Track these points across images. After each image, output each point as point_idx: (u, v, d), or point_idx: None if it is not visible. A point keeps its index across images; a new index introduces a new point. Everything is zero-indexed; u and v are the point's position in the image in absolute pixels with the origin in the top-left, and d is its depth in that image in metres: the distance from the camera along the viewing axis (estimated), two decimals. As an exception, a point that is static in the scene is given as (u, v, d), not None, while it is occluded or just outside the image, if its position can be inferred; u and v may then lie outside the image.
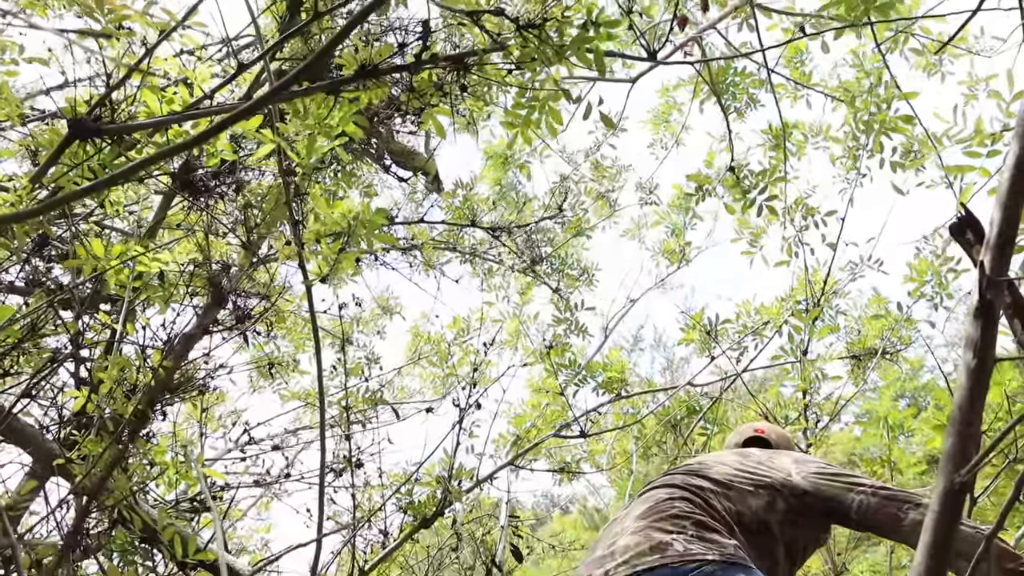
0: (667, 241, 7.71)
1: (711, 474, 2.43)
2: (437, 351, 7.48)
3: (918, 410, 6.58)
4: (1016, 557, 2.13)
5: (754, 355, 6.08)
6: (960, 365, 1.58)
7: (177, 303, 4.79)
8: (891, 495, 2.31)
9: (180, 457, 3.44)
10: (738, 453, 2.61)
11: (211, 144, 3.72)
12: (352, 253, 3.50)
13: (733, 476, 2.43)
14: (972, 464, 1.48)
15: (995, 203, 1.59)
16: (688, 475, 2.45)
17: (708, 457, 2.61)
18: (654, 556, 2.11)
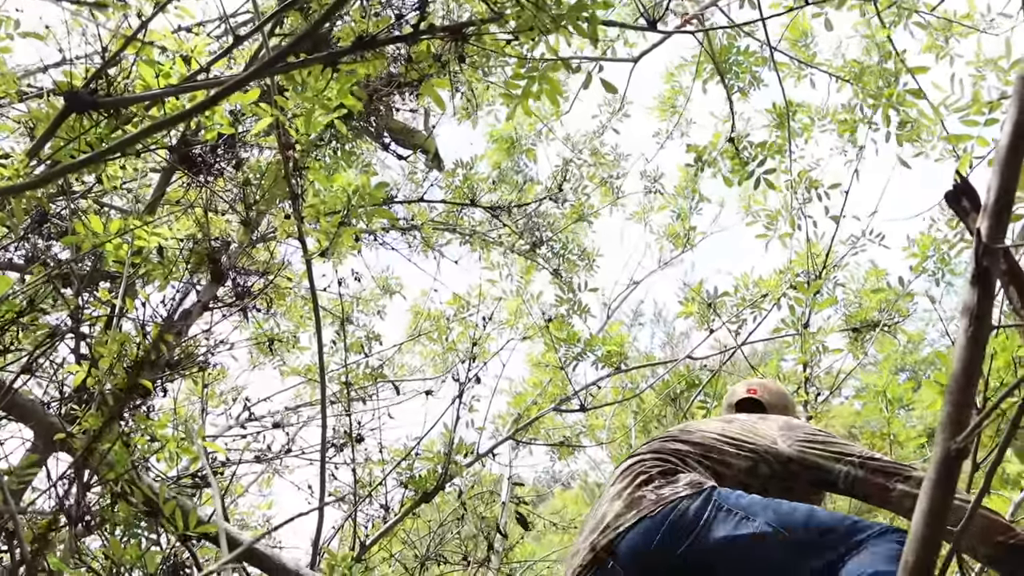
0: (672, 225, 7.70)
1: (691, 439, 2.43)
2: (437, 327, 7.50)
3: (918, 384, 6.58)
4: (1007, 528, 2.10)
5: (753, 328, 6.08)
6: (957, 333, 1.58)
7: (177, 280, 4.80)
8: (880, 467, 2.28)
9: (181, 432, 3.45)
10: (723, 419, 2.59)
11: (209, 118, 3.71)
12: (352, 229, 3.50)
13: (715, 440, 2.42)
14: (969, 430, 1.49)
15: (992, 170, 1.58)
16: (667, 440, 2.45)
17: (692, 424, 2.61)
18: (631, 513, 2.17)
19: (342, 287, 5.50)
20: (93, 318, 3.78)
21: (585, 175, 8.00)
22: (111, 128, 3.16)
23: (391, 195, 7.13)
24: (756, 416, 2.62)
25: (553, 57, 3.25)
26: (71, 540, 2.99)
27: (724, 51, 6.05)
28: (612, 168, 8.14)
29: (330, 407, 6.01)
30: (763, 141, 5.66)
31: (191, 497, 4.09)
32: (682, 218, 7.58)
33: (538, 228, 7.80)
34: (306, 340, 7.16)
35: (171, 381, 4.48)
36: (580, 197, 7.92)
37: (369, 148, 7.26)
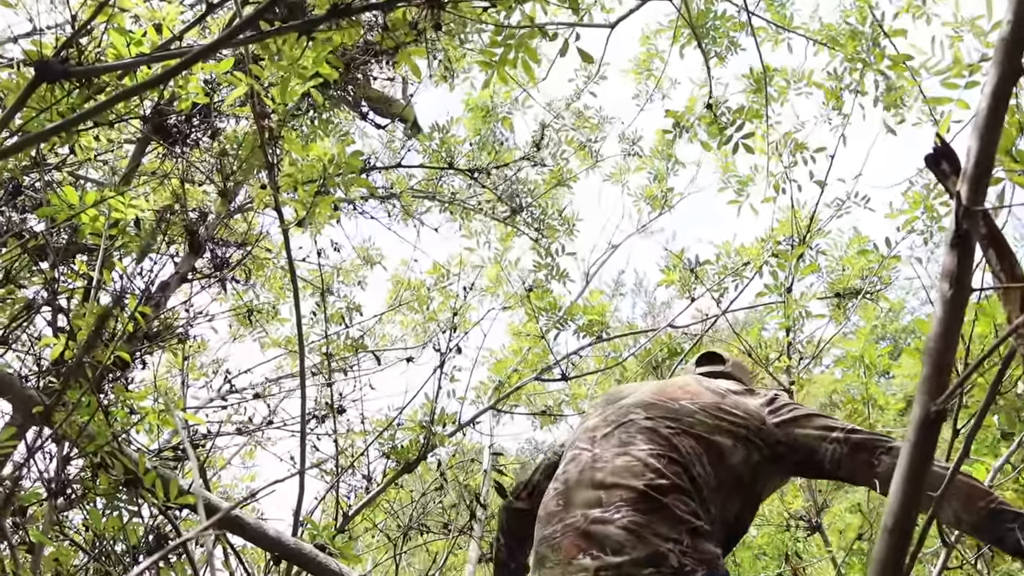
0: (649, 187, 7.69)
1: (694, 429, 2.30)
2: (417, 297, 7.49)
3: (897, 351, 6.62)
4: (987, 494, 2.07)
5: (735, 296, 6.10)
6: (936, 295, 1.58)
7: (155, 252, 4.76)
8: (862, 442, 2.25)
9: (161, 404, 3.43)
10: (711, 390, 2.47)
11: (183, 88, 3.67)
12: (329, 198, 3.48)
13: (714, 429, 2.31)
14: (948, 392, 1.49)
15: (972, 133, 1.58)
16: (672, 423, 2.32)
17: (676, 389, 2.48)
18: (649, 570, 2.00)
19: (321, 258, 5.49)
20: (70, 291, 3.75)
21: (563, 139, 7.98)
22: (83, 98, 3.12)
23: (369, 163, 7.10)
24: (739, 389, 2.51)
25: (530, 25, 3.22)
26: (51, 513, 2.98)
27: (701, 16, 6.03)
28: (595, 131, 8.11)
29: (311, 378, 6.01)
30: (741, 107, 5.65)
31: (172, 470, 4.09)
32: (659, 179, 7.57)
33: (517, 194, 7.78)
34: (286, 312, 7.16)
35: (150, 353, 4.46)
36: (559, 161, 7.89)
37: (347, 117, 7.21)
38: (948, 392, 1.50)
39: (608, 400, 2.57)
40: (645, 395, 2.45)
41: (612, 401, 2.54)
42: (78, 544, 3.50)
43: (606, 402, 2.56)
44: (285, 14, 4.68)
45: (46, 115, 2.99)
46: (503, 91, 7.68)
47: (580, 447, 2.38)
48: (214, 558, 3.65)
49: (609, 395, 2.63)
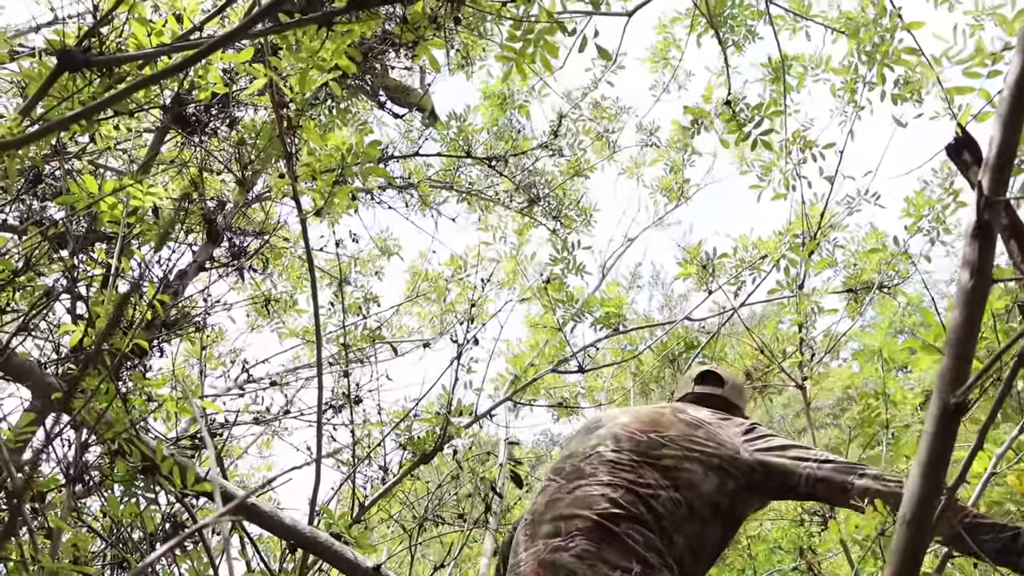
0: (665, 178, 7.67)
1: (660, 461, 2.36)
2: (435, 288, 7.50)
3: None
4: (962, 508, 2.16)
5: (752, 289, 6.08)
6: (957, 286, 1.57)
7: (173, 240, 4.78)
8: (835, 469, 2.34)
9: (178, 392, 3.45)
10: (684, 422, 2.51)
11: (203, 77, 3.68)
12: (347, 187, 3.48)
13: (683, 459, 2.37)
14: (969, 383, 1.48)
15: (994, 122, 1.57)
16: (637, 456, 2.38)
17: (647, 422, 2.51)
18: None
19: (339, 248, 5.49)
20: (89, 278, 3.77)
21: (580, 129, 7.96)
22: (104, 87, 3.14)
23: (387, 153, 7.10)
24: (716, 419, 2.58)
25: (548, 20, 3.22)
26: (70, 499, 3.00)
27: (719, 4, 6.00)
28: (613, 121, 8.09)
29: (328, 369, 6.02)
30: (760, 103, 5.62)
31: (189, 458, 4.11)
32: (675, 171, 7.55)
33: (534, 185, 7.78)
34: (303, 301, 7.17)
35: (168, 342, 4.48)
36: (576, 152, 7.89)
37: (365, 107, 7.22)
38: (968, 384, 1.49)
39: (587, 429, 2.64)
40: (616, 427, 2.51)
41: (589, 430, 2.61)
42: (96, 530, 3.53)
43: (585, 431, 2.63)
44: (304, 5, 4.69)
45: (67, 104, 3.00)
46: (519, 80, 7.68)
47: (551, 478, 2.47)
48: (230, 546, 3.67)
49: (588, 424, 2.70)
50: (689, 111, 5.98)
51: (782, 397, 15.42)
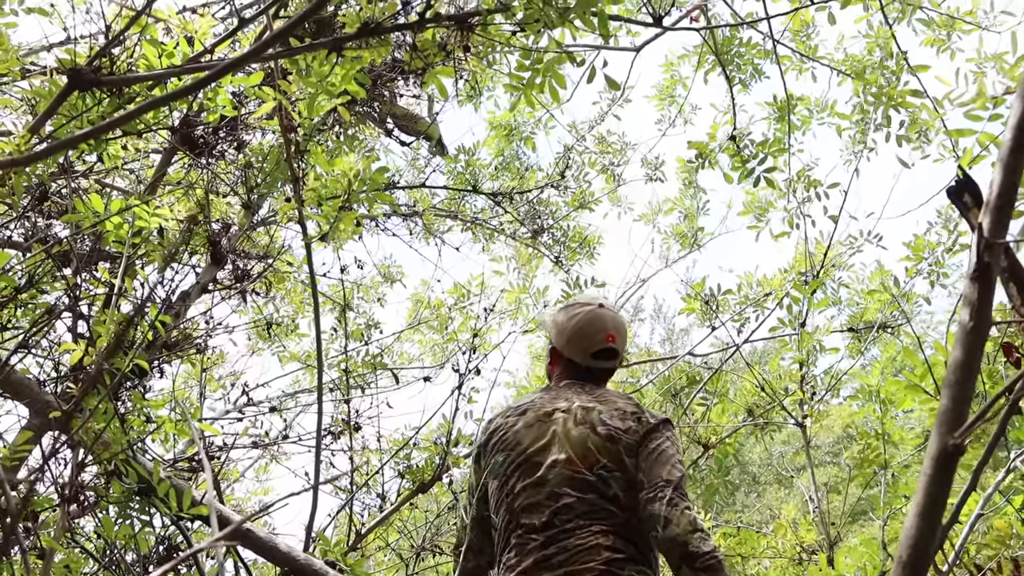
0: (678, 225, 7.70)
1: (618, 495, 2.42)
2: (437, 316, 7.50)
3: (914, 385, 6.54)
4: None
5: (755, 327, 6.08)
6: (957, 327, 1.57)
7: (177, 261, 4.79)
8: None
9: (177, 414, 3.45)
10: (608, 437, 2.51)
11: (212, 100, 3.70)
12: (352, 213, 3.50)
13: (624, 485, 2.44)
14: (968, 425, 1.48)
15: (996, 165, 1.57)
16: (600, 504, 2.41)
17: (580, 451, 2.50)
18: None
19: (343, 273, 5.51)
20: (92, 297, 3.78)
21: (586, 162, 8.00)
22: (113, 107, 3.16)
23: (393, 180, 7.13)
24: (617, 413, 2.57)
25: (557, 49, 3.24)
26: (64, 519, 2.99)
27: (726, 43, 6.05)
28: (617, 156, 8.13)
29: (328, 394, 6.01)
30: (764, 139, 5.65)
31: (186, 480, 4.10)
32: (689, 218, 7.58)
33: (539, 216, 7.80)
34: (305, 326, 7.17)
35: (168, 363, 4.48)
36: (581, 184, 7.92)
37: (372, 134, 7.25)
38: (967, 425, 1.48)
39: (516, 454, 2.58)
40: (563, 471, 2.48)
41: (521, 458, 2.56)
42: (89, 552, 3.52)
43: (517, 460, 2.57)
44: (314, 30, 4.72)
45: (76, 122, 3.03)
46: (527, 111, 7.73)
47: (523, 534, 2.44)
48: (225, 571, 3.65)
49: (507, 440, 2.64)
50: (693, 145, 6.01)
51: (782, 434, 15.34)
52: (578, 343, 2.76)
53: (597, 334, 2.75)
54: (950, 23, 5.41)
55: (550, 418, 2.60)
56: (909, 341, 6.61)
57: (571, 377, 2.79)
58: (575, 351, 2.77)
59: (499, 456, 2.62)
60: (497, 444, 2.66)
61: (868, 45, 5.60)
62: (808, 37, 6.02)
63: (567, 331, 2.78)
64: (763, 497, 18.57)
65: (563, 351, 2.81)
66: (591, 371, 2.78)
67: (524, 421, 2.64)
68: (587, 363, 2.77)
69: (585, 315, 2.78)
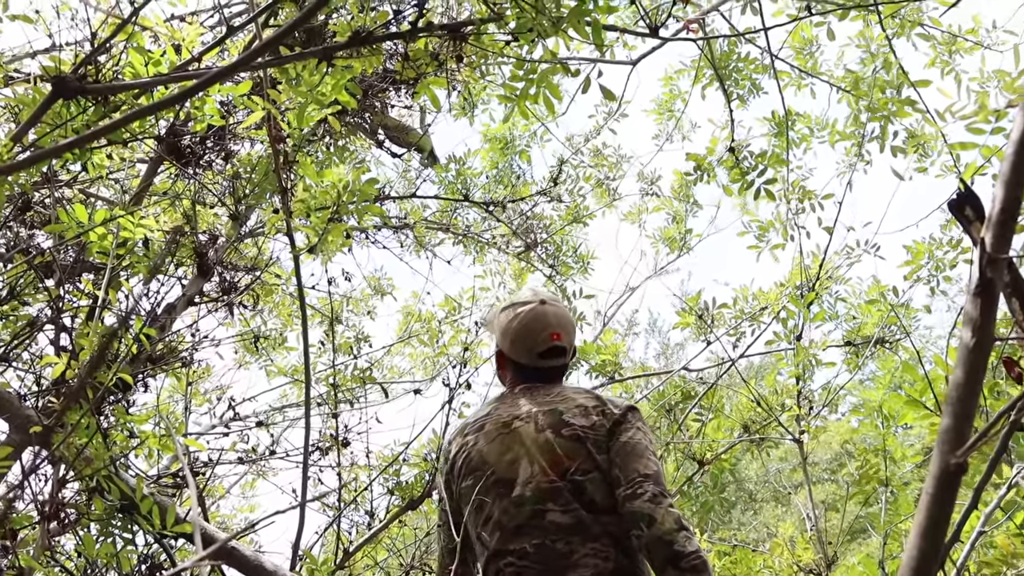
0: (667, 228, 7.70)
1: (596, 500, 2.37)
2: (428, 330, 7.48)
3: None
4: None
5: (751, 341, 6.08)
6: (958, 344, 1.56)
7: (162, 273, 4.78)
8: None
9: (162, 429, 3.43)
10: (574, 438, 2.45)
11: (199, 109, 3.69)
12: (342, 225, 3.49)
13: (600, 486, 2.40)
14: (970, 444, 1.47)
15: (998, 178, 1.57)
16: (586, 515, 2.35)
17: (549, 459, 2.43)
18: None
19: (332, 286, 5.49)
20: (75, 309, 3.76)
21: (581, 176, 8.00)
22: (98, 116, 3.15)
23: (383, 192, 7.12)
24: (579, 411, 2.51)
25: (552, 60, 3.24)
26: (43, 537, 2.97)
27: (724, 57, 6.06)
28: (613, 170, 8.14)
29: (316, 409, 5.99)
30: (763, 152, 5.66)
31: (170, 497, 4.07)
32: (677, 221, 7.58)
33: (532, 229, 7.80)
34: (293, 340, 7.16)
35: (153, 376, 4.46)
36: (575, 198, 7.92)
37: (363, 145, 7.25)
38: (970, 444, 1.48)
39: (485, 475, 2.50)
40: (539, 482, 2.41)
41: (492, 478, 2.48)
42: (69, 571, 3.49)
43: (488, 482, 2.49)
44: (304, 39, 4.72)
45: (60, 131, 3.01)
46: (522, 124, 7.73)
47: (515, 560, 2.36)
48: (209, 589, 3.62)
49: (471, 460, 2.56)
50: (692, 157, 6.02)
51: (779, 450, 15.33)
52: (522, 344, 2.70)
53: (541, 332, 2.68)
54: (951, 41, 5.43)
55: (511, 428, 2.53)
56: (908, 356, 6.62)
57: (523, 380, 2.72)
58: (520, 352, 2.71)
59: (468, 480, 2.53)
60: (463, 468, 2.57)
61: (864, 60, 5.61)
62: (811, 56, 6.03)
63: (510, 332, 2.72)
64: (760, 515, 18.56)
65: (509, 354, 2.75)
66: (540, 371, 2.71)
67: (485, 437, 2.56)
68: (534, 363, 2.70)
69: (527, 314, 2.71)
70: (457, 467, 2.60)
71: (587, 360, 6.69)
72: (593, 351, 6.66)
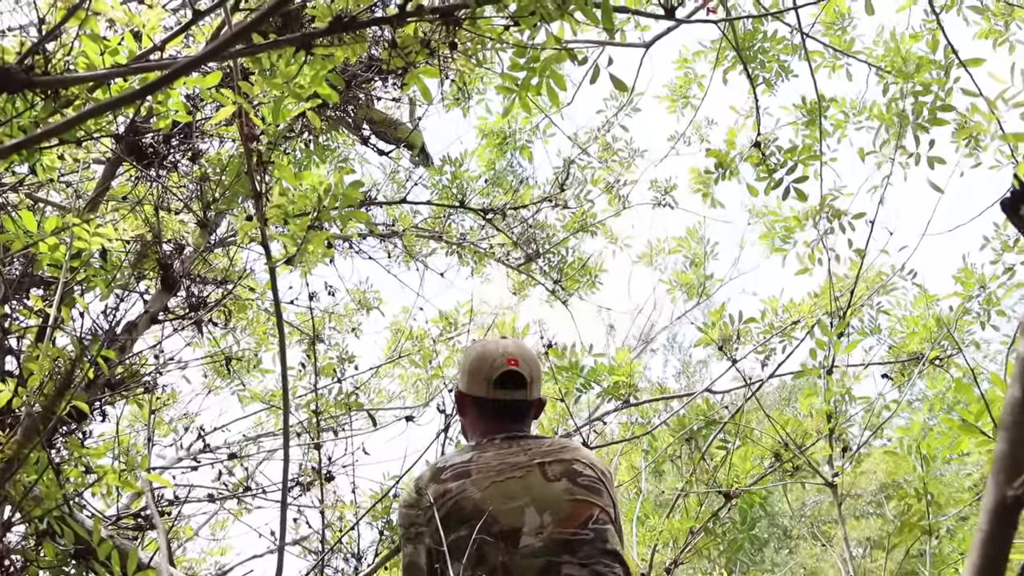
0: (684, 273, 7.71)
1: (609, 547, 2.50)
2: (420, 349, 7.48)
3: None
4: None
5: (783, 359, 6.06)
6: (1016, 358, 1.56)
7: (122, 288, 4.77)
8: None
9: (122, 463, 3.42)
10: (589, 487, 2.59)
11: (163, 104, 3.70)
12: (323, 233, 3.49)
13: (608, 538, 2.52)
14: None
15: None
16: (601, 557, 2.45)
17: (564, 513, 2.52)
18: None
19: (313, 301, 5.49)
20: (22, 329, 3.76)
21: (589, 178, 8.00)
22: (48, 112, 3.15)
23: (369, 196, 7.12)
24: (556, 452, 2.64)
25: (556, 47, 3.23)
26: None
27: (748, 37, 6.02)
28: (624, 167, 8.13)
29: (296, 439, 5.98)
30: (793, 146, 5.63)
31: (132, 540, 4.06)
32: (696, 264, 7.58)
33: (534, 239, 7.79)
34: (269, 361, 7.15)
35: (111, 404, 4.45)
36: (582, 203, 7.91)
37: (346, 142, 7.26)
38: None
39: (483, 524, 2.48)
40: (550, 530, 2.47)
41: (495, 528, 2.49)
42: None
43: (489, 532, 2.49)
44: (280, 25, 4.73)
45: (5, 129, 3.02)
46: (522, 117, 7.71)
47: None
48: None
49: (464, 508, 2.55)
50: (711, 154, 6.00)
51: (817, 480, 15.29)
52: (478, 373, 2.77)
53: (497, 358, 2.75)
54: (1008, 11, 5.39)
55: (510, 476, 2.56)
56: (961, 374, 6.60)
57: (488, 424, 2.77)
58: (476, 383, 2.77)
59: (461, 531, 2.51)
60: (452, 517, 2.55)
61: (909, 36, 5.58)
62: (843, 31, 6.00)
63: (466, 367, 2.82)
64: (796, 554, 18.51)
65: (466, 390, 2.81)
66: (499, 404, 2.76)
67: (475, 485, 2.56)
68: (492, 395, 2.74)
69: (480, 347, 2.83)
70: (442, 516, 2.57)
71: (598, 382, 6.68)
72: (605, 371, 6.65)
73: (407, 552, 2.70)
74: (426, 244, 7.88)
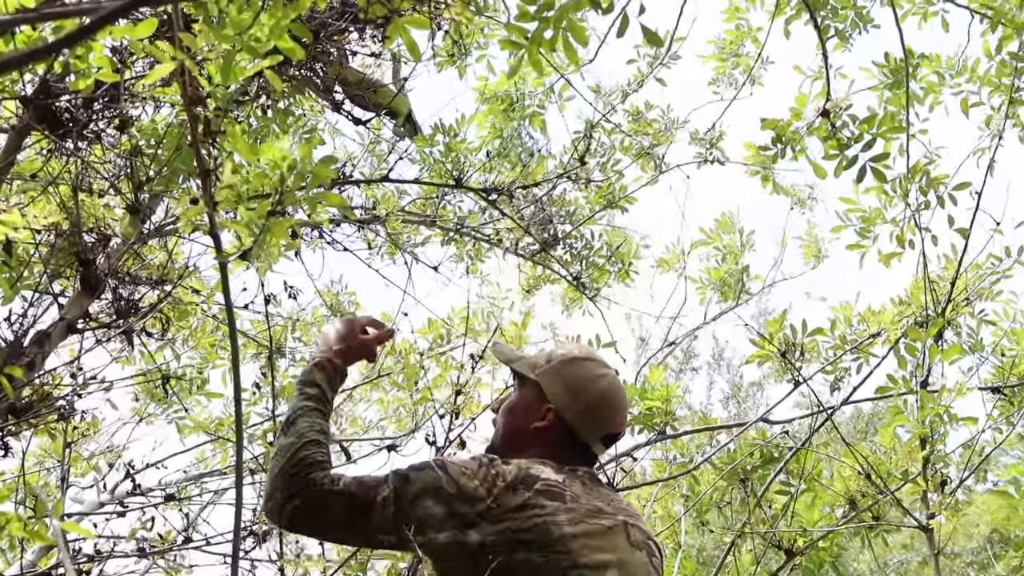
0: (716, 270, 7.71)
1: None
2: (404, 366, 7.46)
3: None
4: None
5: (860, 381, 6.03)
6: None
7: (31, 289, 4.76)
8: None
9: (28, 509, 3.41)
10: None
11: (82, 59, 3.68)
12: (286, 220, 3.47)
13: None
14: None
15: None
16: None
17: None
18: None
19: (272, 305, 5.47)
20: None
21: (617, 145, 7.96)
22: (-60, 68, 3.13)
23: (344, 174, 7.10)
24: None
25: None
26: None
27: (817, -24, 5.99)
28: (659, 139, 8.10)
29: (250, 477, 5.97)
30: (872, 115, 5.58)
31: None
32: (729, 260, 7.58)
33: (551, 220, 7.76)
34: (218, 381, 7.14)
35: (15, 435, 4.44)
36: (609, 174, 7.87)
37: (314, 107, 7.25)
38: None
39: (566, 564, 2.52)
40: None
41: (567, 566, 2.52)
42: None
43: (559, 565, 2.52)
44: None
45: None
46: (533, 78, 7.69)
47: None
48: None
49: (549, 533, 2.55)
50: (768, 125, 5.94)
51: (902, 535, 15.31)
52: (594, 418, 2.85)
53: (619, 415, 2.89)
54: None
55: (599, 524, 2.59)
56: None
57: (564, 454, 2.79)
58: (588, 426, 2.84)
59: (536, 556, 2.52)
60: (538, 538, 2.55)
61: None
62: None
63: (585, 398, 2.85)
64: (876, 626, 18.51)
65: (568, 417, 2.84)
66: (587, 456, 2.86)
67: (567, 514, 2.57)
68: (595, 447, 2.86)
69: (609, 384, 2.88)
70: (521, 529, 2.56)
71: (627, 409, 6.66)
72: (635, 395, 6.63)
73: (409, 490, 2.64)
74: (415, 232, 7.86)
